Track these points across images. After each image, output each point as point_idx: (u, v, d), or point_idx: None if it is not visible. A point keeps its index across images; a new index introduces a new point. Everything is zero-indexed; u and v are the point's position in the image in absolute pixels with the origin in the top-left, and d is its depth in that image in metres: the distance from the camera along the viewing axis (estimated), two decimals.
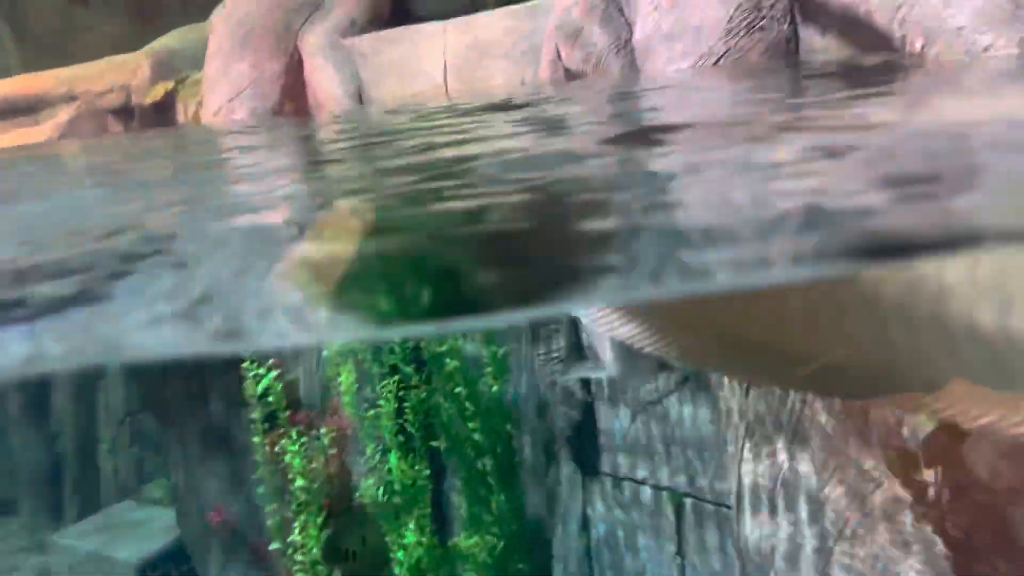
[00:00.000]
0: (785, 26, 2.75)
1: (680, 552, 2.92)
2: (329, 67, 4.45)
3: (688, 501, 2.87)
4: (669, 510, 2.93)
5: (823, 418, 2.27)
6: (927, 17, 1.88)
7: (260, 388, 2.58)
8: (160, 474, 4.58)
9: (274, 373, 2.61)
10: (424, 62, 3.99)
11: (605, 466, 3.09)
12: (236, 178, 1.73)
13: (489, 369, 3.10)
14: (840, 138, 1.11)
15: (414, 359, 3.18)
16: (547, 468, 3.36)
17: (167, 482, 4.21)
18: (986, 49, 1.75)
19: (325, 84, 4.44)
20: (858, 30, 2.20)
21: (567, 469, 3.24)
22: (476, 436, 3.22)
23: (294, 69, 4.46)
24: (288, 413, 2.67)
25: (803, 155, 1.00)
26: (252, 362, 2.58)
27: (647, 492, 2.99)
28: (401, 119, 2.94)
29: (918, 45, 1.90)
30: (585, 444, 3.14)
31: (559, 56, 3.45)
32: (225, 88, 4.55)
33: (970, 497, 1.97)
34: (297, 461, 2.60)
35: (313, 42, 4.41)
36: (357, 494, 2.78)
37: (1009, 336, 0.94)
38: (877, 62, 1.99)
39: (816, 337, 1.09)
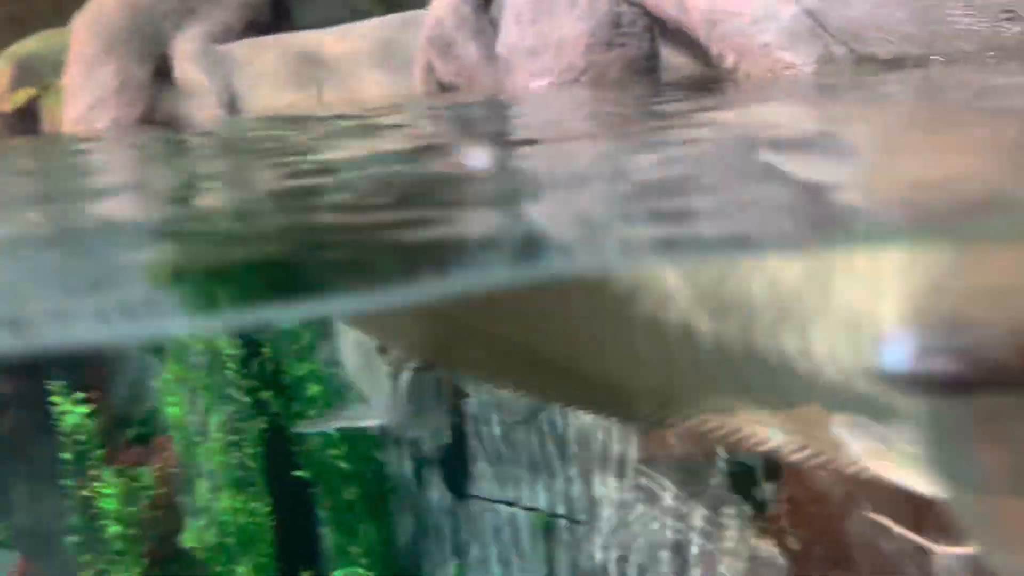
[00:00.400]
0: (645, 43, 2.76)
1: (551, 574, 2.90)
2: (201, 75, 4.26)
3: (560, 522, 2.86)
4: (540, 532, 2.92)
5: (673, 439, 2.34)
6: (737, 34, 1.93)
7: (69, 424, 2.39)
8: None
9: (85, 408, 2.43)
10: (297, 71, 3.88)
11: (477, 489, 3.06)
12: None
13: (354, 392, 2.98)
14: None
15: (273, 383, 3.05)
16: (418, 494, 3.27)
17: None
18: (789, 67, 1.80)
19: (197, 93, 4.26)
20: (697, 45, 2.23)
21: (438, 494, 3.18)
22: (341, 464, 3.10)
23: (164, 76, 4.26)
24: (103, 451, 2.49)
25: None
26: (60, 395, 2.39)
27: (519, 514, 2.97)
28: (267, 130, 2.88)
29: (731, 61, 1.95)
30: (456, 467, 3.09)
31: (432, 68, 3.42)
32: (87, 95, 4.33)
33: (807, 510, 2.05)
34: (112, 505, 2.42)
35: (185, 48, 4.22)
36: (184, 539, 2.60)
37: (743, 347, 0.92)
38: (700, 78, 2.07)
39: (564, 345, 1.06)
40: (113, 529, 2.47)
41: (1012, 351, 0.68)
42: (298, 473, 3.02)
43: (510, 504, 2.98)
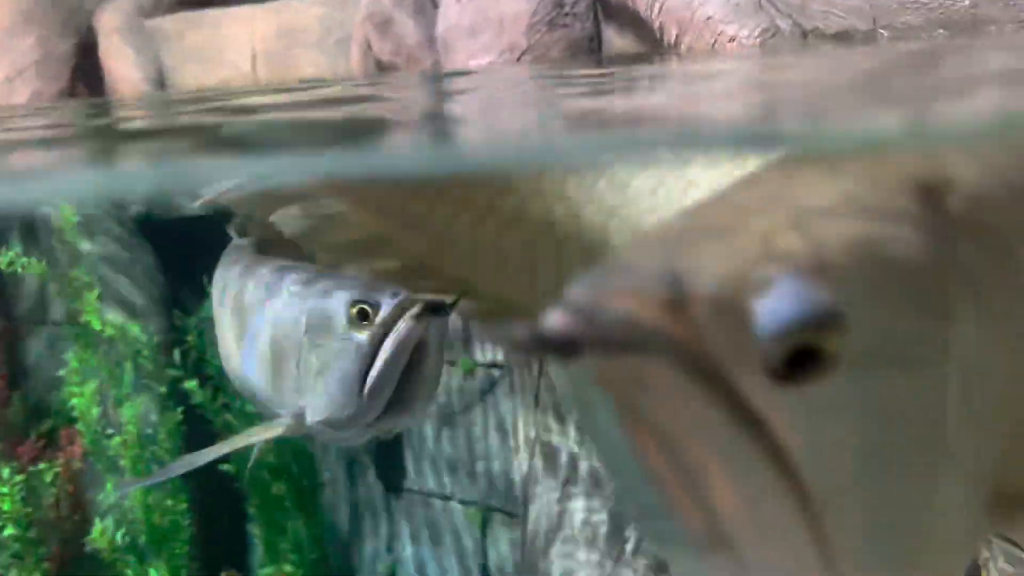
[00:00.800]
0: (588, 23, 2.72)
1: (485, 570, 2.90)
2: (127, 49, 4.10)
3: (496, 515, 2.86)
4: (475, 526, 2.90)
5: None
6: (681, 7, 1.95)
7: None
8: None
9: None
10: (230, 48, 3.77)
11: (411, 482, 3.02)
12: None
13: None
14: None
15: (196, 372, 2.91)
16: (351, 488, 3.20)
17: None
18: (732, 39, 1.81)
19: (122, 67, 4.10)
20: (641, 24, 2.20)
21: (371, 487, 3.13)
22: (269, 457, 2.99)
23: (88, 50, 4.09)
24: (5, 446, 2.32)
25: None
26: None
27: (454, 508, 2.95)
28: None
29: (673, 35, 1.98)
30: (390, 460, 3.03)
31: (370, 47, 3.36)
32: (4, 67, 4.14)
33: None
34: (7, 505, 2.25)
35: (110, 21, 4.06)
36: (91, 538, 2.45)
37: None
38: (641, 54, 2.09)
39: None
40: (9, 531, 2.31)
41: (631, 310, 0.62)
42: (223, 467, 2.89)
43: (446, 498, 2.95)
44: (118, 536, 2.47)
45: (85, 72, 3.91)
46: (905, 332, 0.69)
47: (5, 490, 2.28)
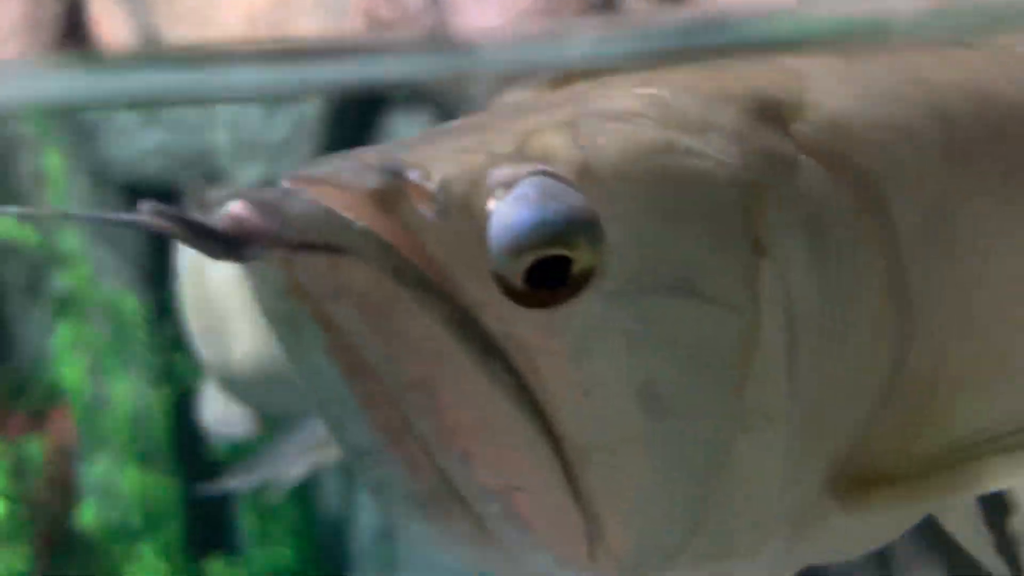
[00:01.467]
0: None
1: None
2: (117, 8, 4.03)
3: None
4: None
5: None
6: None
7: None
8: None
9: None
10: (223, 6, 3.67)
11: None
12: None
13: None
14: None
15: (185, 346, 2.84)
16: (345, 471, 3.05)
17: None
18: None
19: (113, 27, 4.02)
20: None
21: None
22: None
23: (78, 7, 4.01)
24: None
25: None
26: None
27: None
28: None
29: None
30: None
31: (370, 3, 3.30)
32: None
33: None
34: None
35: None
36: (80, 518, 2.38)
37: None
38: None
39: None
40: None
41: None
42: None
43: None
44: (109, 516, 2.41)
45: (75, 31, 3.83)
46: (692, 258, 0.58)
47: None
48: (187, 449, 2.73)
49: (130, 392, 2.60)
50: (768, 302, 0.60)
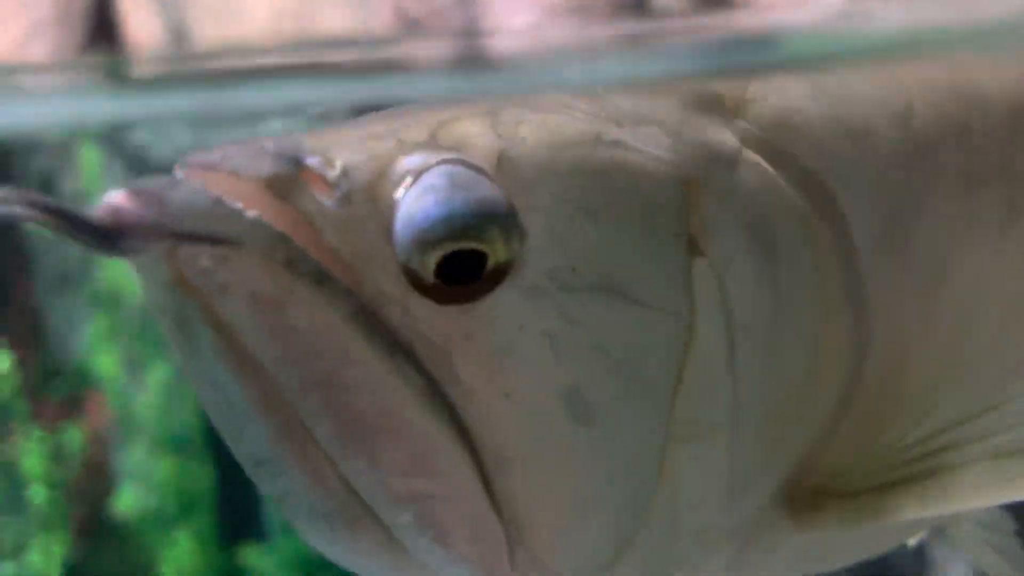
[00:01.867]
0: None
1: None
2: (149, 2, 4.04)
3: None
4: None
5: None
6: None
7: None
8: None
9: (7, 359, 2.19)
10: (248, 2, 3.66)
11: None
12: None
13: None
14: None
15: None
16: None
17: None
18: None
19: (143, 21, 4.02)
20: None
21: None
22: None
23: (108, 2, 4.02)
24: (30, 407, 2.26)
25: None
26: None
27: None
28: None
29: None
30: None
31: (398, 1, 3.27)
32: (21, 21, 4.05)
33: None
34: (36, 465, 2.19)
35: None
36: (114, 505, 2.39)
37: None
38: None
39: None
40: (38, 492, 2.24)
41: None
42: None
43: None
44: (145, 502, 2.41)
45: (104, 26, 3.84)
46: (618, 256, 0.54)
47: (34, 446, 2.21)
48: (220, 437, 2.73)
49: (164, 380, 2.60)
50: (705, 304, 0.56)
